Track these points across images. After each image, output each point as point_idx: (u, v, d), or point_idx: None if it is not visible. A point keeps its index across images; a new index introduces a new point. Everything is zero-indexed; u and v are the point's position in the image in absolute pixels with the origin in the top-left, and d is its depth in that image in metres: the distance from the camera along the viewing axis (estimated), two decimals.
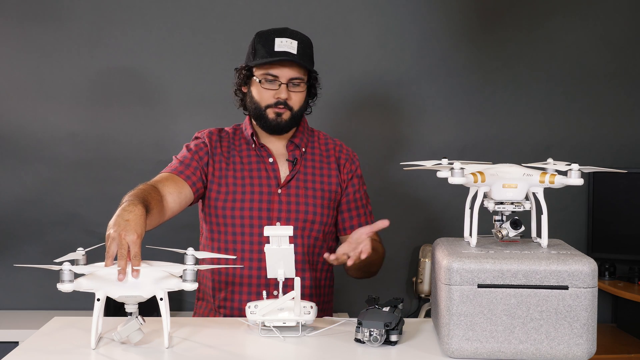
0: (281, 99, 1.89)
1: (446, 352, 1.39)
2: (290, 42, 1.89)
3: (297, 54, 1.89)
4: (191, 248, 1.45)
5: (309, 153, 2.01)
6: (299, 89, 1.92)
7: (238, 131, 2.04)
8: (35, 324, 2.34)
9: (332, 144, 2.05)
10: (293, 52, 1.88)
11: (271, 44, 1.89)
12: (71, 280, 1.39)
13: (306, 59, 1.91)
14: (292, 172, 1.96)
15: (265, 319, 1.52)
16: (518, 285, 1.36)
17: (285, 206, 1.92)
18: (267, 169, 1.96)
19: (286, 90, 1.90)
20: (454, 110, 3.10)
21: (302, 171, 1.98)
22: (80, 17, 2.98)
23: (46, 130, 2.99)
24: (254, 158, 1.98)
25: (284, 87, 1.89)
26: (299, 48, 1.89)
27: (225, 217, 1.92)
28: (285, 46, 1.88)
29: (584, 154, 3.09)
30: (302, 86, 1.93)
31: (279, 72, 1.89)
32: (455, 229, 1.78)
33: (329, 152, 2.03)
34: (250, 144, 1.99)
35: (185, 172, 1.92)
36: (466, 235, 1.60)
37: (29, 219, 2.99)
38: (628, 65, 3.14)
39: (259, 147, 1.98)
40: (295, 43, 1.89)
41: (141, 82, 3.01)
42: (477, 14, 3.09)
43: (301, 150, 1.99)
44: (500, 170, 1.51)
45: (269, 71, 1.90)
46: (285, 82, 1.89)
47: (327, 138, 2.07)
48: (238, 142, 2.01)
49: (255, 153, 1.98)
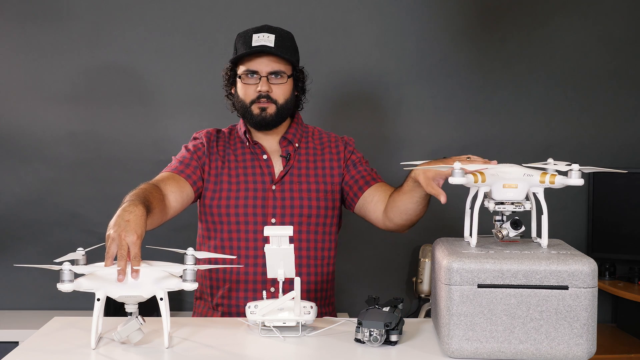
0: (262, 92, 1.92)
1: (446, 352, 1.39)
2: (267, 36, 1.92)
3: (274, 46, 1.91)
4: (191, 248, 1.46)
5: (302, 148, 2.02)
6: (280, 80, 1.94)
7: (233, 131, 2.07)
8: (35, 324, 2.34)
9: (326, 138, 2.06)
10: (270, 45, 1.91)
11: (249, 40, 1.93)
12: (71, 280, 1.39)
13: (284, 50, 1.93)
14: (286, 167, 1.97)
15: (265, 319, 1.52)
16: (518, 285, 1.36)
17: (279, 202, 1.93)
18: (261, 165, 1.97)
19: (267, 83, 1.92)
20: (454, 110, 3.10)
21: (297, 166, 1.99)
22: (80, 17, 2.98)
23: (46, 130, 2.99)
24: (248, 156, 1.99)
25: (264, 79, 1.92)
26: (277, 41, 1.92)
27: (221, 215, 1.93)
28: (262, 40, 1.91)
29: (584, 153, 3.09)
30: (284, 78, 1.94)
31: (257, 66, 1.92)
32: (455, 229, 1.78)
33: (324, 146, 2.04)
34: (244, 142, 2.01)
35: (185, 171, 1.94)
36: (466, 235, 1.60)
37: (29, 219, 2.99)
38: (628, 65, 3.14)
39: (252, 144, 1.99)
40: (272, 37, 1.92)
41: (141, 82, 3.01)
42: (477, 14, 3.09)
43: (294, 145, 2.00)
44: (500, 170, 1.51)
45: (249, 67, 1.93)
46: (265, 75, 1.92)
47: (321, 133, 2.08)
48: (233, 142, 2.03)
49: (250, 151, 2.00)
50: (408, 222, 1.89)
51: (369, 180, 1.99)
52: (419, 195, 1.78)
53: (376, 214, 1.95)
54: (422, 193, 1.76)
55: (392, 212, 1.88)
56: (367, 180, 1.99)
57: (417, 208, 1.83)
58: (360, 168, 2.02)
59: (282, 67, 1.93)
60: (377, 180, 2.00)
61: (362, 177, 2.00)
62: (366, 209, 1.98)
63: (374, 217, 1.96)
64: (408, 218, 1.87)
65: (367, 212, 1.98)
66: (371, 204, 1.96)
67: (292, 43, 1.98)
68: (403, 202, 1.82)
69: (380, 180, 2.02)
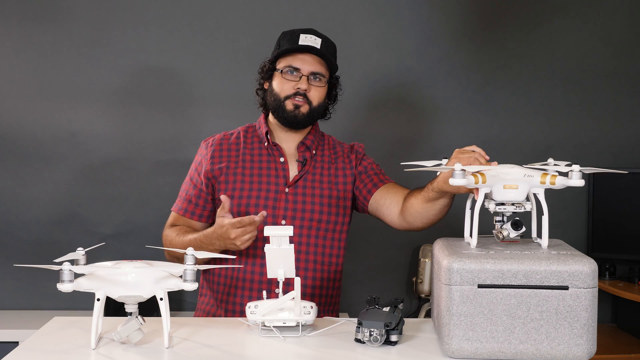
0: (301, 90, 1.94)
1: (446, 352, 1.39)
2: (314, 39, 1.95)
3: (320, 48, 1.94)
4: (191, 248, 1.46)
5: (318, 155, 2.04)
6: (319, 83, 1.97)
7: (251, 129, 2.08)
8: (35, 324, 2.34)
9: (339, 147, 2.10)
10: (317, 46, 1.94)
11: (296, 38, 1.96)
12: (71, 280, 1.39)
13: (329, 55, 1.97)
14: (301, 172, 1.99)
15: (265, 319, 1.52)
16: (518, 285, 1.36)
17: (291, 205, 1.94)
18: (277, 167, 1.99)
19: (307, 82, 1.94)
20: (454, 110, 3.10)
21: (311, 172, 2.00)
22: (80, 17, 2.98)
23: (46, 130, 2.99)
24: (264, 157, 2.01)
25: (304, 78, 1.94)
26: (323, 45, 1.95)
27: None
28: (310, 41, 1.95)
29: (585, 154, 3.09)
30: (323, 82, 1.97)
31: (301, 64, 1.95)
32: (455, 229, 1.78)
33: (337, 155, 2.07)
34: (263, 142, 2.02)
35: (195, 211, 2.02)
36: (467, 235, 1.60)
37: (29, 219, 2.99)
38: (628, 65, 3.14)
39: (271, 146, 2.00)
40: (319, 40, 1.96)
41: (141, 82, 3.01)
42: (477, 14, 3.09)
43: (311, 152, 2.02)
44: (501, 171, 1.51)
45: (292, 63, 1.95)
46: (307, 74, 1.95)
47: (335, 142, 2.11)
48: (250, 141, 2.04)
49: (267, 152, 2.01)
50: (429, 225, 1.94)
51: (377, 182, 2.02)
52: (444, 203, 1.81)
53: (391, 217, 1.98)
54: (447, 201, 1.80)
55: (412, 217, 1.91)
56: (375, 183, 2.02)
57: (440, 214, 1.87)
58: (371, 172, 2.05)
59: (324, 70, 1.97)
60: (384, 182, 2.03)
61: (370, 181, 2.03)
62: (380, 211, 2.00)
63: (389, 219, 1.99)
64: (430, 222, 1.91)
65: (381, 214, 2.01)
66: (384, 207, 1.99)
67: (334, 51, 2.02)
68: (426, 210, 1.85)
69: (389, 180, 2.04)
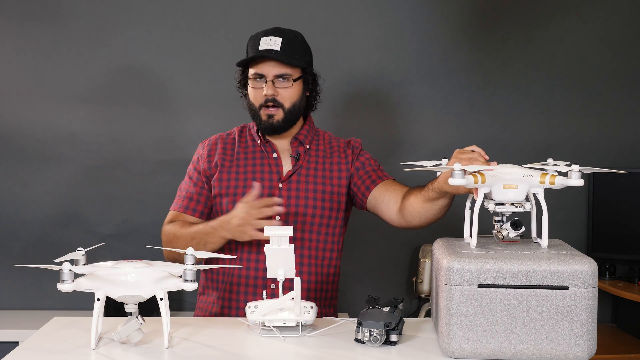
0: (268, 96, 1.93)
1: (446, 352, 1.39)
2: (274, 40, 1.93)
3: (280, 50, 1.92)
4: (191, 248, 1.46)
5: (313, 150, 2.04)
6: (286, 84, 1.95)
7: (245, 129, 2.09)
8: (35, 324, 2.34)
9: (335, 142, 2.09)
10: (276, 49, 1.92)
11: (257, 43, 1.94)
12: (71, 280, 1.39)
13: (292, 54, 1.94)
14: (295, 167, 1.99)
15: (265, 319, 1.52)
16: (518, 285, 1.36)
17: (285, 200, 1.94)
18: (270, 163, 1.99)
19: (272, 87, 1.93)
20: (454, 110, 3.10)
21: (305, 166, 2.00)
22: (80, 17, 2.98)
23: (46, 130, 2.99)
24: (258, 154, 2.02)
25: (269, 84, 1.93)
26: (283, 44, 1.93)
27: (229, 211, 1.93)
28: (269, 44, 1.93)
29: (585, 154, 3.09)
30: (290, 81, 1.95)
31: (264, 70, 1.94)
32: (455, 229, 1.78)
33: (333, 150, 2.06)
34: (256, 141, 2.03)
35: (197, 208, 2.02)
36: (466, 236, 1.60)
37: (29, 219, 2.99)
38: (628, 65, 3.13)
39: (264, 142, 2.01)
40: (279, 40, 1.93)
41: (141, 82, 3.01)
42: (477, 14, 3.09)
43: (305, 146, 2.02)
44: (500, 171, 1.51)
45: (257, 70, 1.95)
46: (271, 79, 1.94)
47: (331, 138, 2.11)
48: (244, 140, 2.06)
49: (260, 149, 2.02)
50: (428, 224, 1.93)
51: (375, 179, 2.01)
52: (443, 203, 1.81)
53: (389, 214, 1.97)
54: (447, 201, 1.80)
55: (411, 216, 1.90)
56: (374, 179, 2.01)
57: (440, 213, 1.86)
58: (369, 168, 2.04)
59: (289, 70, 1.95)
60: (383, 179, 2.02)
61: (369, 177, 2.02)
62: (378, 208, 2.00)
63: (387, 216, 1.99)
64: (429, 221, 1.91)
65: (379, 211, 2.00)
66: (382, 204, 1.98)
67: (301, 45, 1.98)
68: (425, 209, 1.85)
69: (387, 177, 2.04)
